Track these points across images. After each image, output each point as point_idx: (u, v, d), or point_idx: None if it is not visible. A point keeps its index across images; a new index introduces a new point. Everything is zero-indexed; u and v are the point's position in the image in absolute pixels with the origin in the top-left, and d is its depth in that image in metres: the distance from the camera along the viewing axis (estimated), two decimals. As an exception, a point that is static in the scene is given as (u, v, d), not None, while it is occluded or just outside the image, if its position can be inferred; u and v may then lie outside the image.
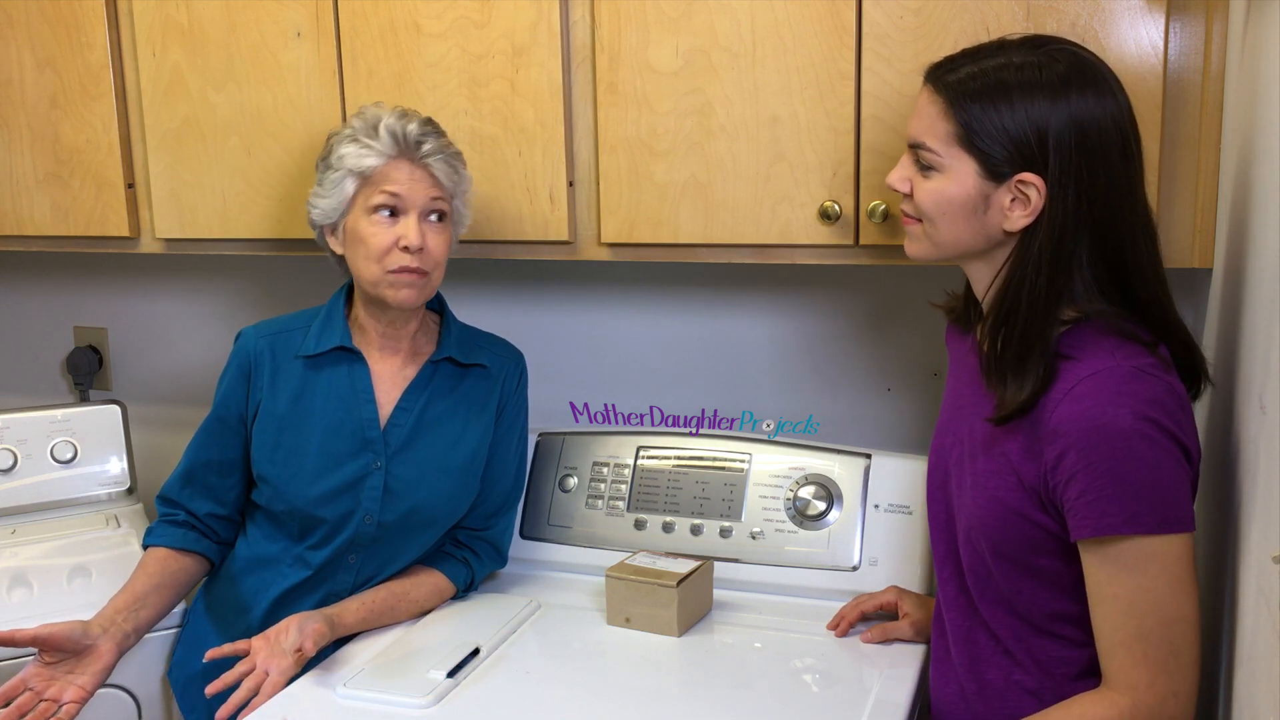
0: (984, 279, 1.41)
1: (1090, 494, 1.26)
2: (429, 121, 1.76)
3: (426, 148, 1.72)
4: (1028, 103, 1.30)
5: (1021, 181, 1.31)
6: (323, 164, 1.76)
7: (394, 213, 1.71)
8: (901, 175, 1.42)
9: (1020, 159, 1.30)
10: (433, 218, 1.73)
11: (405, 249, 1.70)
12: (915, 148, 1.39)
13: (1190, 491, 1.30)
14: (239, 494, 1.87)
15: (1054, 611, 1.38)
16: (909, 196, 1.41)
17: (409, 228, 1.70)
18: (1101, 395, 1.26)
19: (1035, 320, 1.32)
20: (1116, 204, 1.31)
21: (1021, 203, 1.32)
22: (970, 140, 1.32)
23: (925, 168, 1.38)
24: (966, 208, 1.35)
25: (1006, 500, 1.36)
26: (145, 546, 1.85)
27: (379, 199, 1.70)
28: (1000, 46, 1.36)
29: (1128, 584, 1.27)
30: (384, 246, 1.70)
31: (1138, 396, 1.26)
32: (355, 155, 1.71)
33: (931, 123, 1.36)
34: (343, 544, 1.78)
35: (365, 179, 1.71)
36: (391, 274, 1.71)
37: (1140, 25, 1.55)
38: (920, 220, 1.41)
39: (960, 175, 1.34)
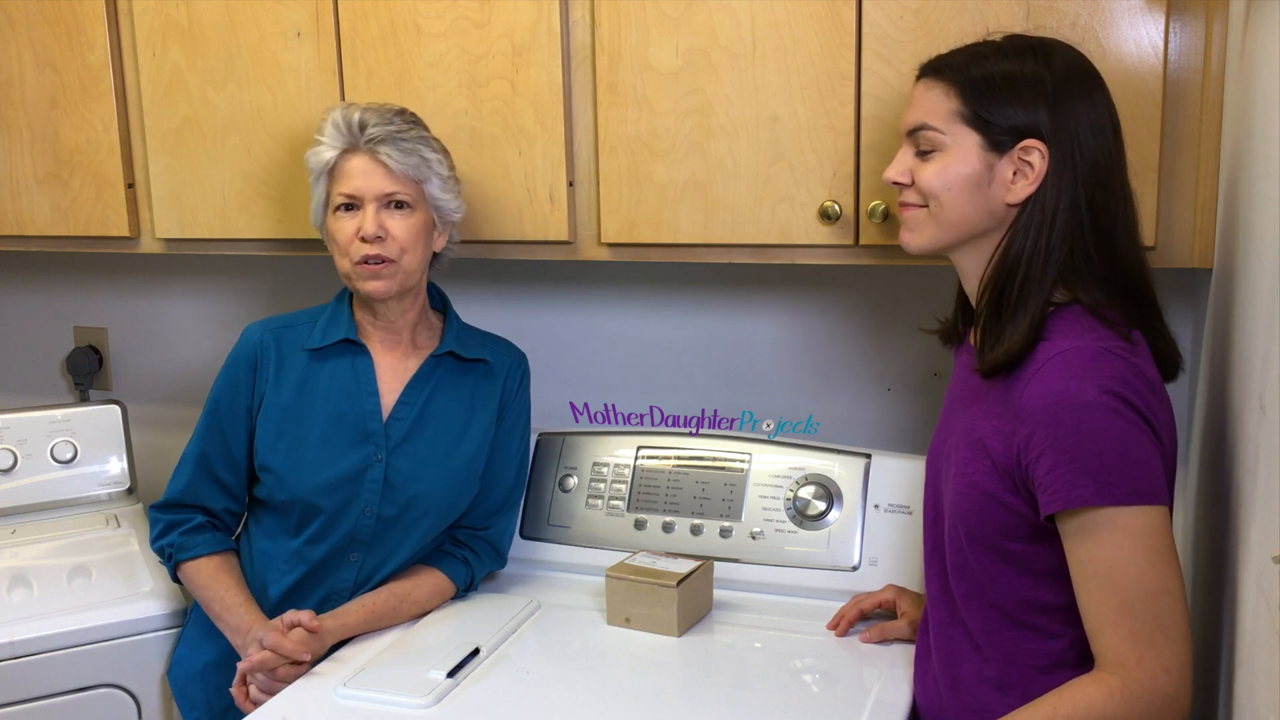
0: (976, 266, 1.43)
1: (1060, 468, 1.28)
2: (393, 111, 1.77)
3: (372, 133, 1.73)
4: (1027, 74, 1.36)
5: (1024, 149, 1.35)
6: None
7: (354, 207, 1.75)
8: (900, 168, 1.45)
9: (1022, 127, 1.35)
10: (392, 206, 1.75)
11: (363, 239, 1.73)
12: (915, 132, 1.42)
13: (1162, 467, 1.30)
14: (245, 487, 1.87)
15: (1027, 599, 1.39)
16: (909, 186, 1.44)
17: (366, 218, 1.73)
18: (1067, 373, 1.29)
19: (1033, 277, 1.35)
20: (1108, 178, 1.37)
21: (1023, 173, 1.36)
22: (975, 112, 1.37)
23: (925, 152, 1.41)
24: (972, 181, 1.38)
25: (981, 484, 1.37)
26: (179, 560, 1.80)
27: (338, 199, 1.75)
28: (985, 43, 1.42)
29: (1106, 559, 1.27)
30: (347, 239, 1.75)
31: (1102, 372, 1.28)
32: (315, 153, 1.77)
33: (933, 105, 1.40)
34: (342, 539, 1.79)
35: (331, 177, 1.76)
36: (357, 265, 1.74)
37: (1140, 25, 1.56)
38: (924, 205, 1.43)
39: (964, 150, 1.38)
